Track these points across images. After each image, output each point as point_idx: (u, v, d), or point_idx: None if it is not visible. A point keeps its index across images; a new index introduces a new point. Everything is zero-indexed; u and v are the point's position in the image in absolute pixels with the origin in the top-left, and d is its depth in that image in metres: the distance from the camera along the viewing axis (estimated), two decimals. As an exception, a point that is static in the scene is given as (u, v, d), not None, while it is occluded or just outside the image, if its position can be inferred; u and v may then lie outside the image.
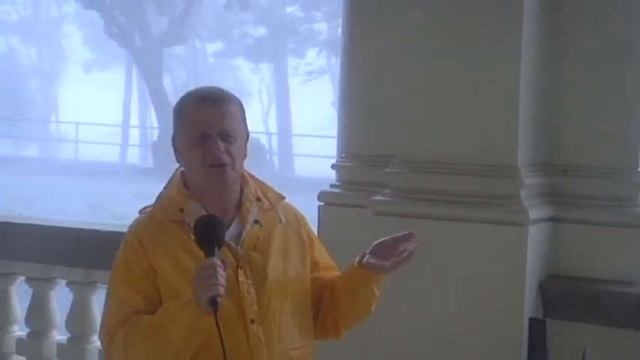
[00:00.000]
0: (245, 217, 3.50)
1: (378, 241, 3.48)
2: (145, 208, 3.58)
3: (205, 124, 3.43)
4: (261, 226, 3.51)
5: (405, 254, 3.43)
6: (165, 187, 3.57)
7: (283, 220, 3.57)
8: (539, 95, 4.36)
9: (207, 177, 3.45)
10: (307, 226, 3.66)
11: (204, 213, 3.42)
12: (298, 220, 3.64)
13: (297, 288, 3.54)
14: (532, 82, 4.32)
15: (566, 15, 4.35)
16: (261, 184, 3.60)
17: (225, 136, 3.42)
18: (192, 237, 3.38)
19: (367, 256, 3.47)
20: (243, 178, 3.55)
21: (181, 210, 3.47)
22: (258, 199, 3.55)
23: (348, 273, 3.55)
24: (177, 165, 3.58)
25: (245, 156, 3.52)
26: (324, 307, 3.62)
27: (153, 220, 3.51)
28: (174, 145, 3.53)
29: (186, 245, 3.40)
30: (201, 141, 3.42)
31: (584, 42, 4.34)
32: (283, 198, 3.63)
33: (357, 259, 3.49)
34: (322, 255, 3.66)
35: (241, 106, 3.55)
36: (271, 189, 3.62)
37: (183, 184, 3.52)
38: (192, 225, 3.40)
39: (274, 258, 3.51)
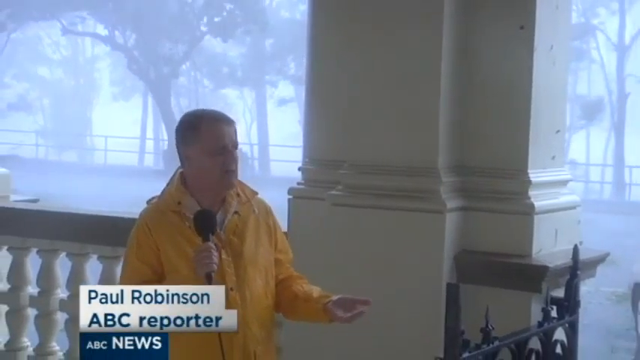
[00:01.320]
0: (227, 209, 3.47)
1: (342, 296, 3.41)
2: (152, 199, 3.53)
3: (225, 139, 3.40)
4: (239, 215, 3.48)
5: (358, 311, 3.36)
6: (167, 184, 3.52)
7: (256, 211, 3.54)
8: (455, 111, 4.32)
9: (222, 179, 3.41)
10: (273, 215, 3.62)
11: (197, 206, 3.39)
12: (267, 211, 3.60)
13: (265, 262, 3.52)
14: (449, 101, 4.27)
15: (476, 39, 4.29)
16: (239, 182, 3.55)
17: (235, 148, 3.42)
18: (188, 224, 3.37)
19: (331, 303, 3.40)
20: None
21: (179, 203, 3.43)
22: (238, 195, 3.51)
23: (310, 305, 3.48)
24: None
25: None
26: (282, 305, 3.58)
27: (158, 210, 3.47)
28: (185, 154, 3.45)
29: (182, 230, 3.38)
30: (223, 151, 3.39)
31: (490, 64, 4.31)
32: (256, 193, 3.59)
33: (323, 301, 3.43)
34: (281, 240, 3.63)
35: None
36: (247, 186, 3.57)
37: (181, 182, 3.47)
38: (187, 215, 3.38)
39: (249, 240, 3.48)
